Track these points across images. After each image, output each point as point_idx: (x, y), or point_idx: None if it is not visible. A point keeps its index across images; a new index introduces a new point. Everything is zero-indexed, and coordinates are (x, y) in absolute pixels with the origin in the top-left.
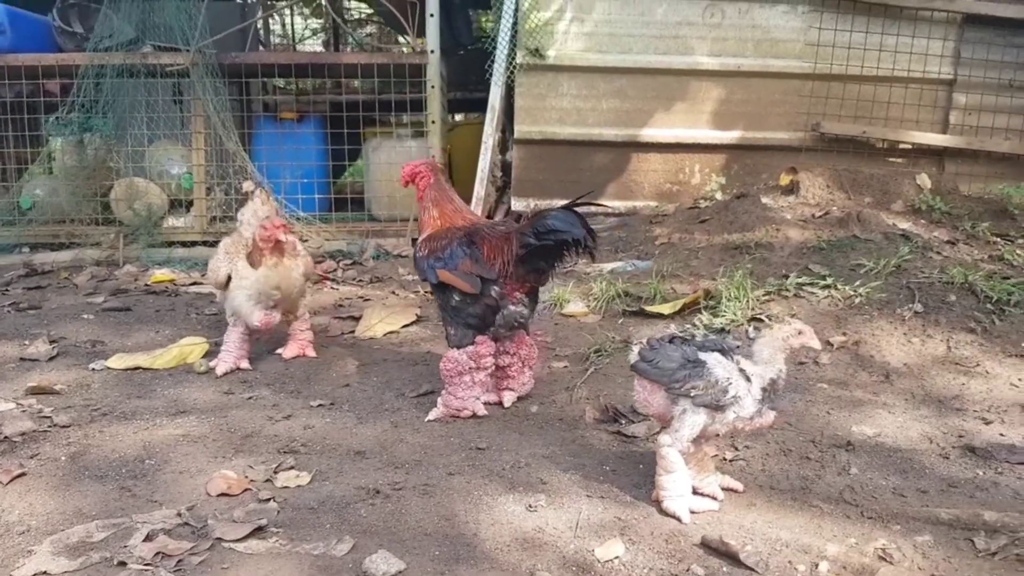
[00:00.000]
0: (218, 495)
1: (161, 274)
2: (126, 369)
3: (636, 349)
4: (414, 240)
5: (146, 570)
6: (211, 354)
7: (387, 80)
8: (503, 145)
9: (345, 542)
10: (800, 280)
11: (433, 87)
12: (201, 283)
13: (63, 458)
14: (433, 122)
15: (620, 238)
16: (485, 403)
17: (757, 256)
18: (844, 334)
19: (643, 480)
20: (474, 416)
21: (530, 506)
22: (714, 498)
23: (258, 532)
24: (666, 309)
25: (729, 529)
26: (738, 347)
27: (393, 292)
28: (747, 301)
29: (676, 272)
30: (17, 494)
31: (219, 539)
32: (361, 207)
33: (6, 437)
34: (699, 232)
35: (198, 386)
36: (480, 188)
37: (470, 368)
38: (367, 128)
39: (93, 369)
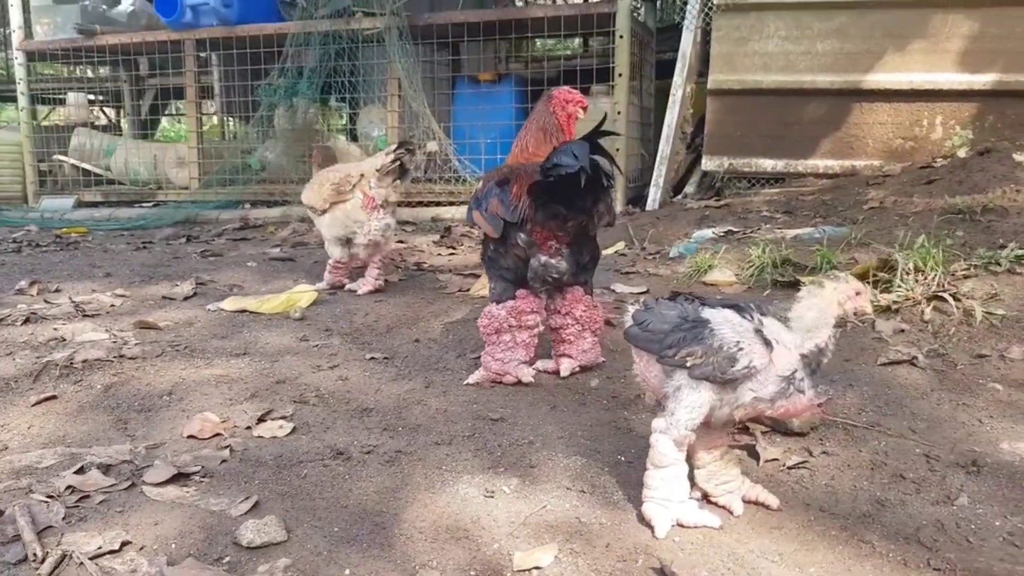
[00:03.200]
0: (187, 436)
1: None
2: (235, 311)
3: (631, 311)
4: None
5: (43, 502)
6: (320, 303)
7: (575, 33)
8: (698, 99)
9: (248, 502)
10: (1021, 252)
11: (621, 37)
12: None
13: (98, 387)
14: (620, 75)
15: (824, 202)
16: (542, 371)
17: (982, 223)
18: None
19: None
20: (519, 383)
21: (489, 492)
22: (729, 511)
23: (180, 479)
24: None
25: (716, 558)
26: (763, 306)
27: None
28: (935, 274)
29: (869, 240)
30: (32, 415)
31: (143, 481)
32: None
33: (71, 363)
34: (920, 195)
35: (282, 331)
36: (665, 146)
37: (510, 326)
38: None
39: (208, 310)
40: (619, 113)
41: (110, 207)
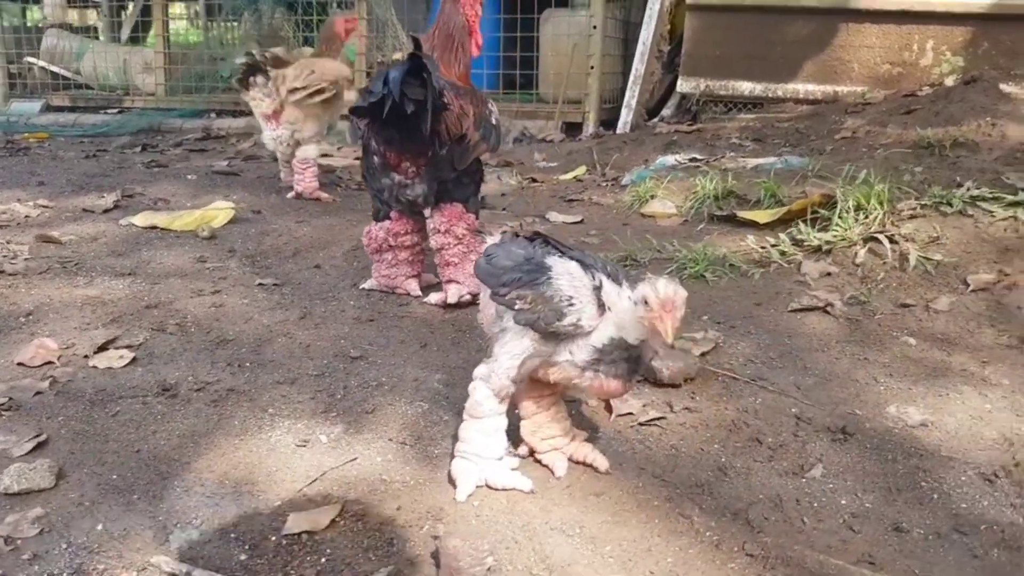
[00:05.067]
0: (17, 363)
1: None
2: (146, 227)
3: (488, 243)
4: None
5: None
6: (238, 222)
7: None
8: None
9: (33, 442)
10: (977, 193)
11: None
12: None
13: None
14: None
15: (797, 130)
16: (434, 304)
17: (949, 158)
18: (998, 273)
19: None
20: (407, 295)
21: (303, 441)
22: (553, 473)
23: None
24: (762, 217)
25: (508, 529)
26: (614, 269)
27: (498, 177)
28: (878, 214)
29: (826, 173)
30: None
31: None
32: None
33: None
34: (894, 126)
35: (183, 251)
36: (640, 65)
37: (390, 245)
38: None
39: (120, 224)
40: (595, 28)
41: (76, 112)
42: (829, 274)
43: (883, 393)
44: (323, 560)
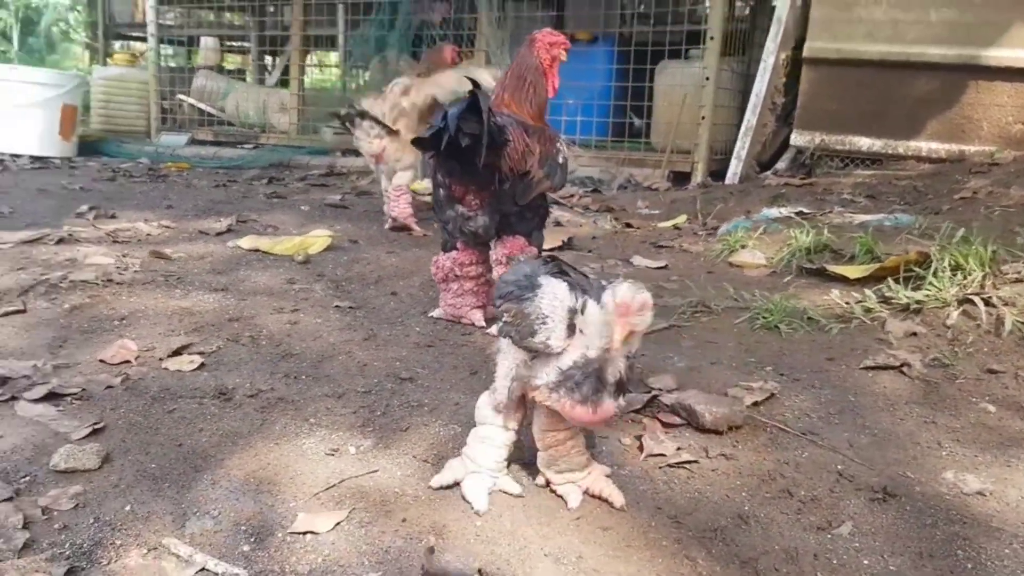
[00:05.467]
0: (99, 360)
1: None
2: (249, 249)
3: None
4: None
5: None
6: (334, 249)
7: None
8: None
9: (88, 428)
10: None
11: None
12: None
13: (66, 306)
14: (712, 38)
15: (915, 188)
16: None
17: None
18: None
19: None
20: (472, 324)
21: (333, 450)
22: (566, 504)
23: (53, 398)
24: (853, 272)
25: (504, 553)
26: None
27: (594, 222)
28: (976, 276)
29: (933, 232)
30: None
31: (23, 397)
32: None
33: (60, 283)
34: (1019, 187)
35: (277, 272)
36: (752, 116)
37: (456, 275)
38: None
39: (228, 246)
40: (707, 79)
41: (217, 146)
42: (915, 334)
43: (944, 458)
44: (319, 559)
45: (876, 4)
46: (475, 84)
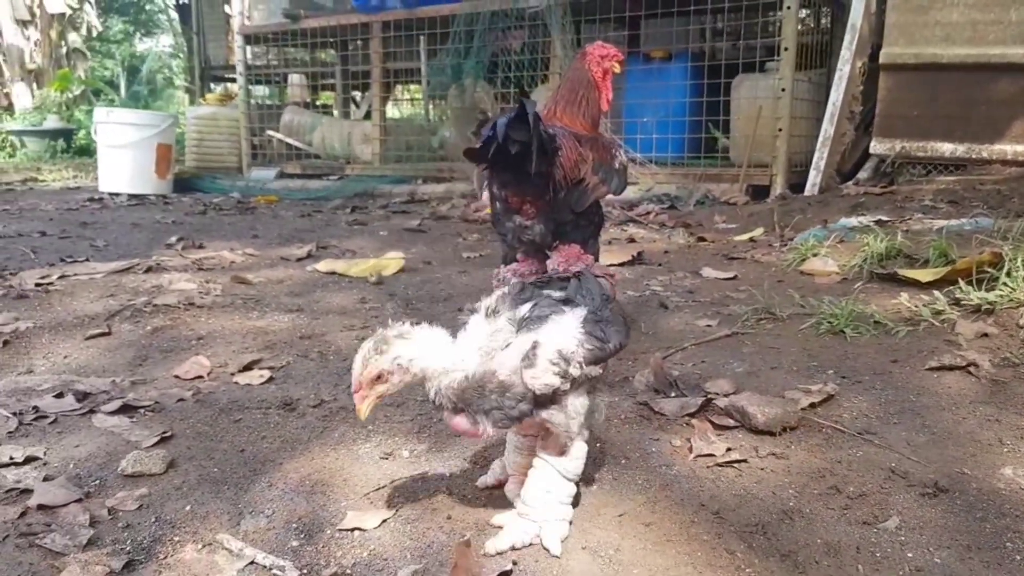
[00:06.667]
0: (174, 376)
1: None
2: (326, 272)
3: None
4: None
5: (10, 418)
6: (408, 271)
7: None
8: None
9: (156, 437)
10: None
11: (789, 7)
12: None
13: (148, 328)
14: (786, 49)
15: (999, 192)
16: None
17: None
18: None
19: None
20: None
21: (387, 454)
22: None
23: (128, 411)
24: (924, 276)
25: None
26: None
27: (668, 237)
28: None
29: (1009, 235)
30: (79, 347)
31: (100, 410)
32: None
33: (144, 307)
34: None
35: (351, 293)
36: (829, 127)
37: None
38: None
39: (306, 270)
40: (783, 91)
41: (305, 178)
42: (986, 335)
43: (1004, 455)
44: (365, 553)
45: (953, 6)
46: (523, 94)
